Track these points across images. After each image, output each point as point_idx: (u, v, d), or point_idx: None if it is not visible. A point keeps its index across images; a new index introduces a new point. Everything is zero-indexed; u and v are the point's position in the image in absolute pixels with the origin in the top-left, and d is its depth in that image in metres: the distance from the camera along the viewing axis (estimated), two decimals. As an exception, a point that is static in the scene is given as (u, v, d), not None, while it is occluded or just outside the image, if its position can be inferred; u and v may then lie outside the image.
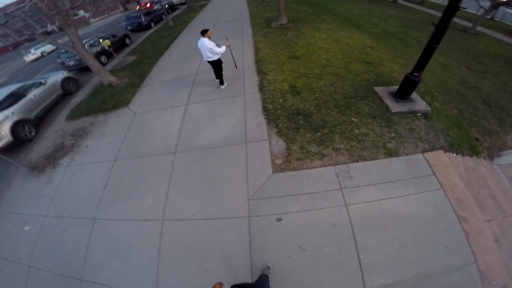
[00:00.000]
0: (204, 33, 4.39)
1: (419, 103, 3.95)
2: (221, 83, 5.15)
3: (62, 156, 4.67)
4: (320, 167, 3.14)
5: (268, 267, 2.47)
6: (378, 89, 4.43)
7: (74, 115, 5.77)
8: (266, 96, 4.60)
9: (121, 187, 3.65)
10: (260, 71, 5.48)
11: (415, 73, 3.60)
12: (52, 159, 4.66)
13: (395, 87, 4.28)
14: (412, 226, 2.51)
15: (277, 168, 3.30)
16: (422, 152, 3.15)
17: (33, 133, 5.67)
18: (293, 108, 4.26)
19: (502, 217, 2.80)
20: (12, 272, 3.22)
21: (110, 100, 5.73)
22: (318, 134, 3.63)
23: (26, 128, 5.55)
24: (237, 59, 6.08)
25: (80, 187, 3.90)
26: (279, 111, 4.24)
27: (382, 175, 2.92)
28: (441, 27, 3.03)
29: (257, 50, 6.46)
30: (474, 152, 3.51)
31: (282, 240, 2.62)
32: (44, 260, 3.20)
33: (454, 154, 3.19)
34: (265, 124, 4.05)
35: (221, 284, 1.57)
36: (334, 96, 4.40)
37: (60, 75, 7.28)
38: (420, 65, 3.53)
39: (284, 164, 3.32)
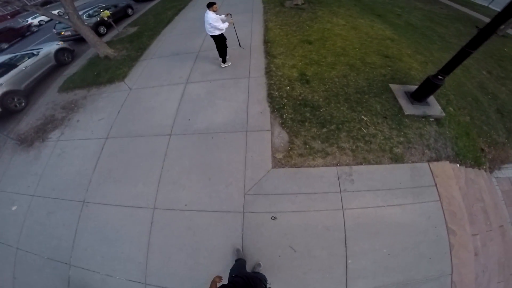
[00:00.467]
0: (210, 6, 4.02)
1: (434, 107, 3.64)
2: (223, 61, 4.78)
3: (52, 129, 4.42)
4: (322, 166, 2.98)
5: (259, 265, 2.45)
6: (394, 87, 4.07)
7: (66, 87, 5.44)
8: (272, 82, 4.22)
9: (111, 169, 3.47)
10: (268, 53, 5.01)
11: (439, 76, 3.23)
12: (41, 132, 4.42)
13: (412, 87, 3.96)
14: (403, 235, 2.54)
15: (277, 163, 3.11)
16: (428, 161, 3.03)
17: (23, 104, 5.46)
18: (300, 98, 3.91)
19: (487, 231, 2.88)
20: (0, 254, 3.15)
21: (105, 73, 5.34)
22: (324, 130, 3.38)
23: (15, 99, 5.35)
24: (244, 38, 5.59)
25: (69, 165, 3.71)
26: (285, 100, 3.89)
27: (384, 181, 2.82)
28: (486, 32, 2.59)
29: (266, 30, 5.90)
30: (477, 163, 3.37)
31: (274, 238, 2.56)
32: (32, 243, 3.13)
33: (458, 165, 3.12)
34: (269, 113, 3.74)
35: (220, 277, 1.56)
36: (346, 89, 4.03)
37: (55, 45, 6.93)
38: (448, 68, 3.14)
39: (285, 159, 3.12)
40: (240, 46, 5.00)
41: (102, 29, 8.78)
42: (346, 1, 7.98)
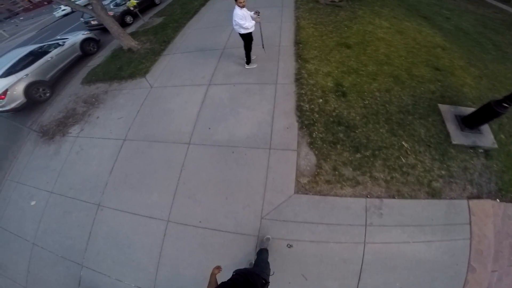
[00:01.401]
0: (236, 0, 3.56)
1: (486, 136, 3.16)
2: (247, 62, 4.37)
3: (73, 124, 4.41)
4: (350, 196, 2.73)
5: (268, 239, 2.53)
6: (443, 107, 3.50)
7: (89, 79, 5.40)
8: (302, 91, 3.75)
9: (128, 174, 3.38)
10: (299, 56, 4.48)
11: (504, 104, 2.68)
12: (62, 125, 4.43)
13: (464, 109, 3.44)
14: (421, 270, 2.40)
15: (300, 188, 2.82)
16: (468, 197, 2.76)
17: (47, 94, 5.53)
18: (334, 114, 3.43)
19: (507, 266, 2.67)
20: (18, 248, 3.26)
21: (127, 67, 5.20)
22: (358, 155, 2.99)
23: (40, 90, 5.43)
24: (271, 36, 5.10)
25: (86, 165, 3.69)
26: (316, 115, 3.43)
27: (415, 217, 2.62)
28: None
29: (298, 28, 5.31)
30: None
31: (287, 265, 2.46)
32: (47, 240, 3.19)
33: (498, 200, 2.85)
34: (296, 129, 3.33)
35: (218, 268, 1.60)
36: (388, 107, 3.49)
37: (80, 35, 6.93)
38: (517, 95, 2.52)
39: (310, 184, 2.83)
40: (263, 47, 4.42)
41: (128, 19, 8.67)
42: (389, 0, 7.03)
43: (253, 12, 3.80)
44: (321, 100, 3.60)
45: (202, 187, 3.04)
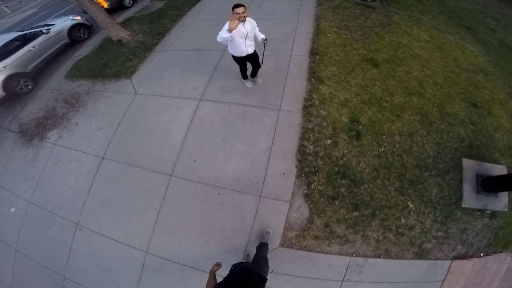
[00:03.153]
0: (236, 7, 2.45)
1: (501, 199, 2.95)
2: (244, 77, 3.60)
3: (51, 127, 4.00)
4: (336, 254, 2.62)
5: (268, 232, 2.58)
6: (466, 163, 3.06)
7: (72, 74, 4.81)
8: (309, 126, 3.14)
9: (106, 198, 3.16)
10: (313, 73, 3.69)
11: None
12: (41, 127, 4.04)
13: (489, 166, 3.07)
14: None
15: (286, 241, 2.63)
16: (453, 257, 2.76)
17: (29, 87, 4.99)
18: (341, 163, 2.89)
19: None
20: (1, 251, 3.26)
21: (113, 63, 4.52)
22: (356, 213, 2.68)
23: (21, 82, 4.89)
24: (283, 41, 4.28)
25: (64, 179, 3.44)
26: (320, 162, 2.90)
27: (393, 276, 2.64)
28: None
29: (317, 33, 4.37)
30: (504, 248, 2.94)
31: None
32: (29, 248, 3.17)
33: (482, 254, 2.86)
34: (294, 176, 2.86)
35: (218, 264, 1.62)
36: (406, 159, 2.97)
37: (69, 21, 6.08)
38: None
39: (297, 238, 2.63)
40: (261, 63, 3.29)
41: (127, 1, 7.64)
42: (431, 5, 5.73)
43: (257, 29, 2.85)
44: (329, 141, 3.00)
45: (182, 225, 2.82)
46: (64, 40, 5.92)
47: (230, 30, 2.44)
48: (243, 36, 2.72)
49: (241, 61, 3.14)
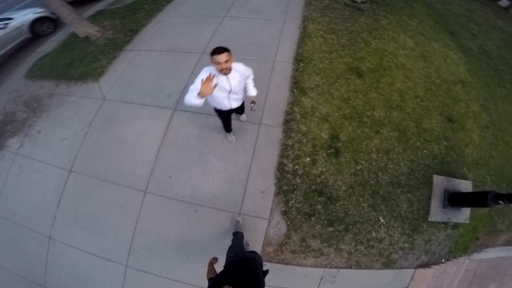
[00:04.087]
0: (215, 52, 1.71)
1: (463, 212, 3.19)
2: (227, 131, 2.98)
3: (11, 134, 3.61)
4: (311, 266, 2.76)
5: (247, 244, 2.63)
6: (437, 180, 3.22)
7: (33, 73, 4.28)
8: (290, 143, 3.07)
9: (77, 212, 3.00)
10: (296, 83, 3.55)
11: (499, 201, 2.52)
12: (0, 133, 3.63)
13: (456, 182, 3.23)
14: None
15: (265, 256, 2.69)
16: (417, 266, 2.97)
17: None
18: (318, 181, 2.91)
19: None
20: None
21: (79, 63, 4.03)
22: (330, 229, 2.80)
23: None
24: (267, 44, 4.03)
25: (29, 191, 3.21)
26: (298, 180, 2.89)
27: (363, 284, 2.84)
28: None
29: (303, 36, 4.13)
30: (464, 253, 3.20)
31: None
32: (3, 260, 3.06)
33: (443, 260, 3.08)
34: (273, 194, 2.86)
35: (216, 259, 1.62)
36: (381, 176, 3.05)
37: (31, 15, 5.36)
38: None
39: (275, 253, 2.73)
40: (251, 109, 2.48)
41: None
42: (419, 8, 5.58)
43: (251, 94, 2.32)
44: (308, 159, 2.97)
45: (161, 241, 2.79)
46: (24, 35, 5.31)
47: (202, 95, 1.63)
48: (226, 91, 2.01)
49: (222, 114, 2.49)
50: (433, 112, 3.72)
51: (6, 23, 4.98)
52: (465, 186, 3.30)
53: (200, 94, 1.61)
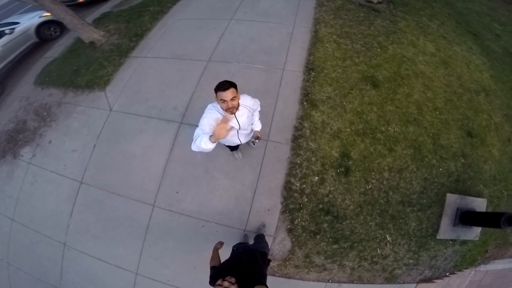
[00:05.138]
0: (220, 89, 1.49)
1: (473, 230, 3.09)
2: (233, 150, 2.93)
3: (24, 143, 3.72)
4: (313, 280, 2.77)
5: (264, 225, 2.71)
6: (450, 198, 3.07)
7: (42, 80, 4.30)
8: (298, 161, 2.98)
9: (89, 222, 3.15)
10: (306, 95, 3.37)
11: None
12: (13, 143, 3.77)
13: (470, 200, 3.08)
14: None
15: (268, 270, 2.67)
16: (419, 281, 2.93)
17: None
18: (326, 200, 2.84)
19: None
20: None
21: (85, 70, 4.00)
22: (335, 246, 2.78)
23: None
24: (276, 51, 3.83)
25: (43, 200, 3.36)
26: (305, 199, 2.83)
27: None
28: None
29: (315, 41, 3.88)
30: (470, 265, 3.16)
31: None
32: (21, 263, 3.29)
33: (447, 274, 3.03)
34: (278, 212, 2.83)
35: (221, 243, 1.76)
36: (391, 195, 2.93)
37: (36, 18, 5.34)
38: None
39: (278, 267, 2.76)
40: (253, 145, 2.80)
41: None
42: (439, 8, 5.08)
43: (255, 128, 2.23)
44: (316, 178, 2.89)
45: (169, 253, 2.89)
46: (31, 40, 5.32)
47: (215, 140, 1.46)
48: (235, 129, 1.85)
49: (229, 147, 2.55)
50: (452, 126, 3.49)
51: (13, 28, 5.00)
52: (480, 204, 3.15)
53: (213, 138, 1.44)
